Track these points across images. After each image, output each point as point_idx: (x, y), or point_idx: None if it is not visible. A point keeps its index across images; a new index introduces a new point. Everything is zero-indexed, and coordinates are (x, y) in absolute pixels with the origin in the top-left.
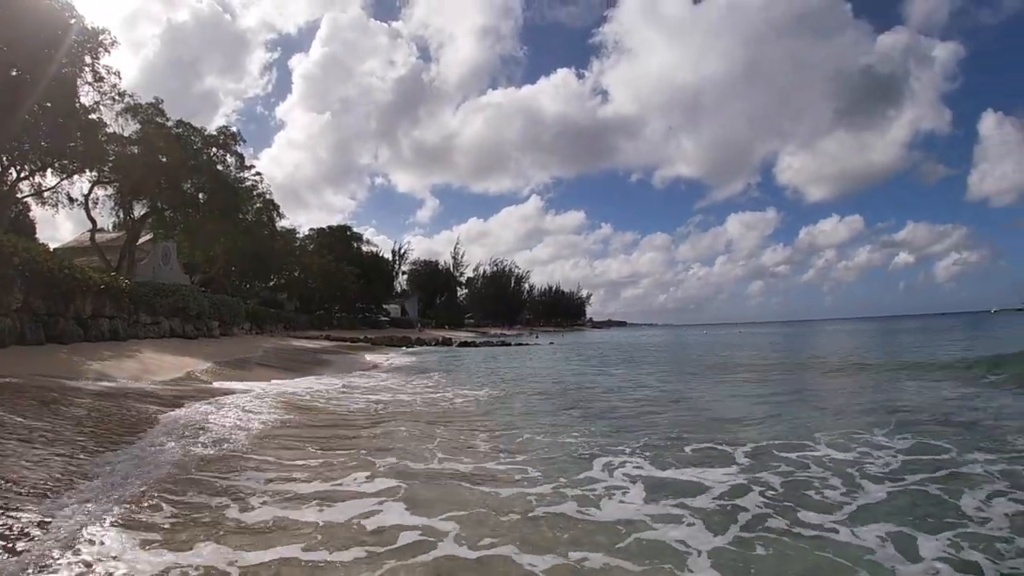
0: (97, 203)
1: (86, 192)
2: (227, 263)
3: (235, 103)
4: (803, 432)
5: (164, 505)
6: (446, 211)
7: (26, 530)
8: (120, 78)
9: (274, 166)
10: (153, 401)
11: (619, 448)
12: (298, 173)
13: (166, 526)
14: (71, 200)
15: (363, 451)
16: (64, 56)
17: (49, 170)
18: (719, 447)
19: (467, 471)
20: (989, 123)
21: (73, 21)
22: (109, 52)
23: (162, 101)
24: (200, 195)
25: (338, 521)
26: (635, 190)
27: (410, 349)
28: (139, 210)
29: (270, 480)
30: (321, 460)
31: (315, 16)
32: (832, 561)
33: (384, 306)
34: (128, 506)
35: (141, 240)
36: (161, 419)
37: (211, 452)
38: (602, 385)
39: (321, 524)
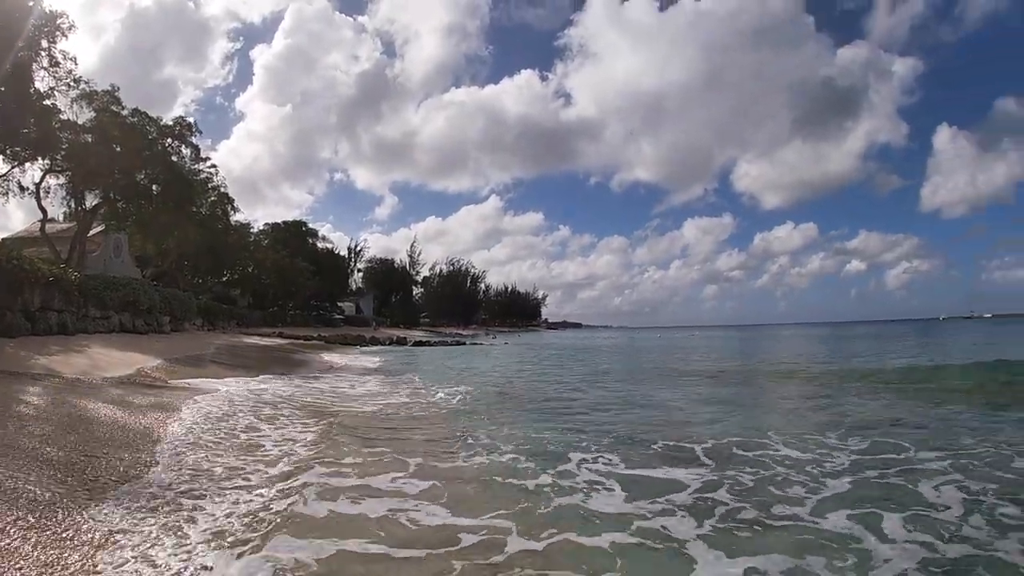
0: (49, 192)
1: (37, 180)
2: (179, 257)
3: (195, 92)
4: (761, 434)
5: None
6: (405, 209)
7: None
8: (76, 64)
9: (232, 158)
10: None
11: (587, 445)
12: (256, 166)
13: None
14: (22, 189)
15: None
16: (20, 40)
17: (0, 156)
18: (685, 445)
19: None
20: (944, 137)
21: (32, 3)
22: (67, 36)
23: (118, 89)
24: (154, 186)
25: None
26: (594, 193)
27: (365, 348)
28: (91, 200)
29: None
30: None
31: (280, 6)
32: (808, 540)
33: (339, 304)
34: None
35: (92, 232)
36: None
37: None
38: (570, 390)
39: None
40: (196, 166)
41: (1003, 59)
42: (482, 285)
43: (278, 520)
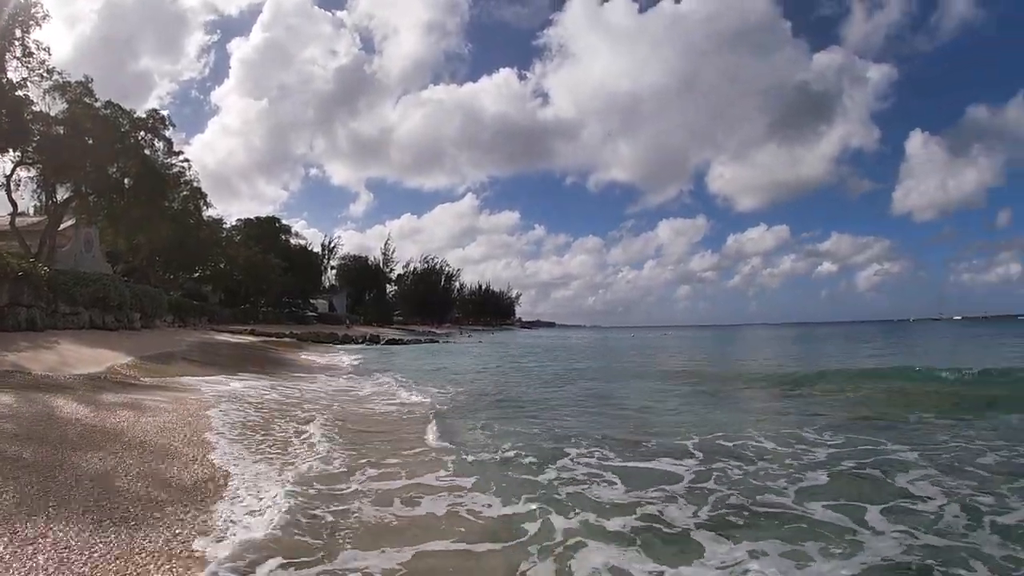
0: (19, 185)
1: (8, 173)
2: (151, 252)
3: (170, 85)
4: (742, 430)
5: None
6: (380, 206)
7: None
8: (50, 54)
9: (206, 152)
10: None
11: (577, 441)
12: (231, 160)
13: None
14: None
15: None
16: None
17: None
18: (674, 441)
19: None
20: (916, 142)
21: None
22: (40, 26)
23: (91, 80)
24: (126, 180)
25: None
26: (570, 193)
27: (338, 346)
28: (62, 194)
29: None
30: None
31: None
32: (797, 526)
33: (311, 301)
34: None
35: (63, 226)
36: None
37: None
38: (551, 389)
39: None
40: (169, 160)
41: (976, 68)
42: (456, 283)
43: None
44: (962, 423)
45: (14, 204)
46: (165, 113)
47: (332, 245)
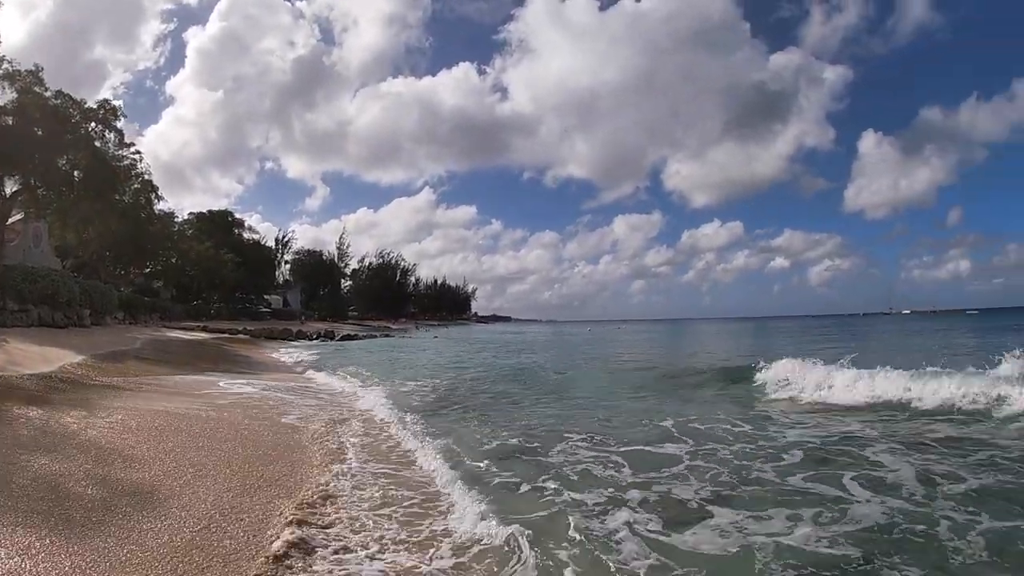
0: None
1: None
2: (101, 247)
3: (124, 75)
4: (714, 415)
5: None
6: (336, 200)
7: None
8: (0, 41)
9: (160, 144)
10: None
11: (571, 428)
12: (185, 152)
13: None
14: None
15: None
16: None
17: None
18: (659, 423)
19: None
20: (869, 142)
21: None
22: None
23: (42, 69)
24: (76, 173)
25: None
26: (527, 188)
27: (294, 343)
28: (10, 187)
29: None
30: None
31: None
32: (784, 492)
33: (265, 296)
34: None
35: (11, 220)
36: None
37: None
38: (519, 383)
39: None
40: (120, 152)
41: (930, 71)
42: (412, 278)
43: None
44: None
45: None
46: (117, 103)
47: (286, 239)
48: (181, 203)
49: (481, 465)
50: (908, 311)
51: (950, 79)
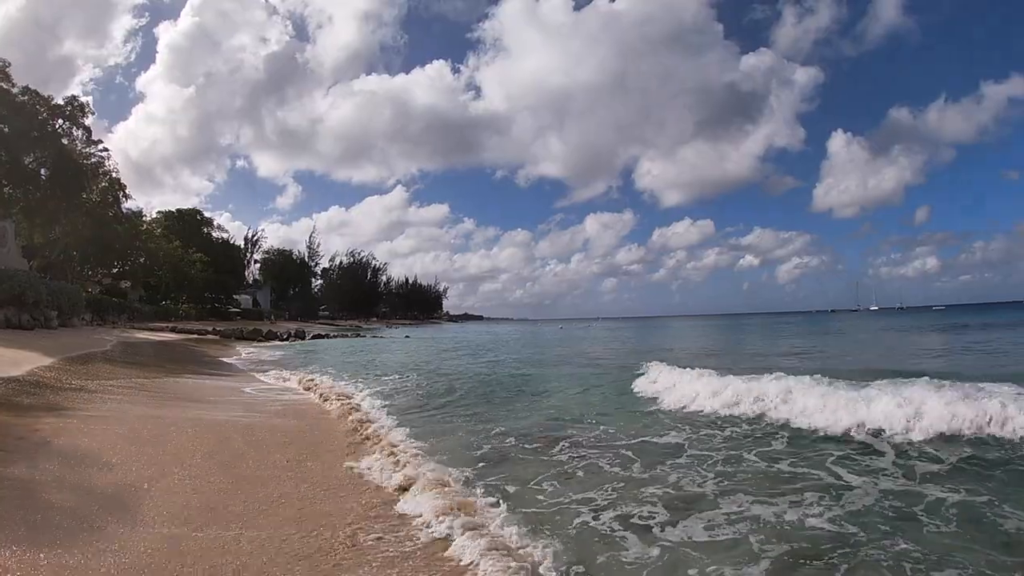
0: None
1: None
2: (68, 247)
3: (94, 71)
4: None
5: None
6: (308, 198)
7: None
8: None
9: (130, 141)
10: None
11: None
12: (155, 150)
13: None
14: None
15: None
16: None
17: None
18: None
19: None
20: (838, 142)
21: None
22: None
23: (9, 64)
24: (42, 170)
25: None
26: (500, 186)
27: (263, 342)
28: None
29: None
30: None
31: None
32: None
33: (235, 296)
34: None
35: None
36: None
37: None
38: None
39: None
40: (88, 149)
41: (899, 73)
42: (383, 277)
43: None
44: None
45: None
46: (85, 100)
47: (255, 238)
48: (151, 202)
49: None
50: (876, 307)
51: (919, 81)
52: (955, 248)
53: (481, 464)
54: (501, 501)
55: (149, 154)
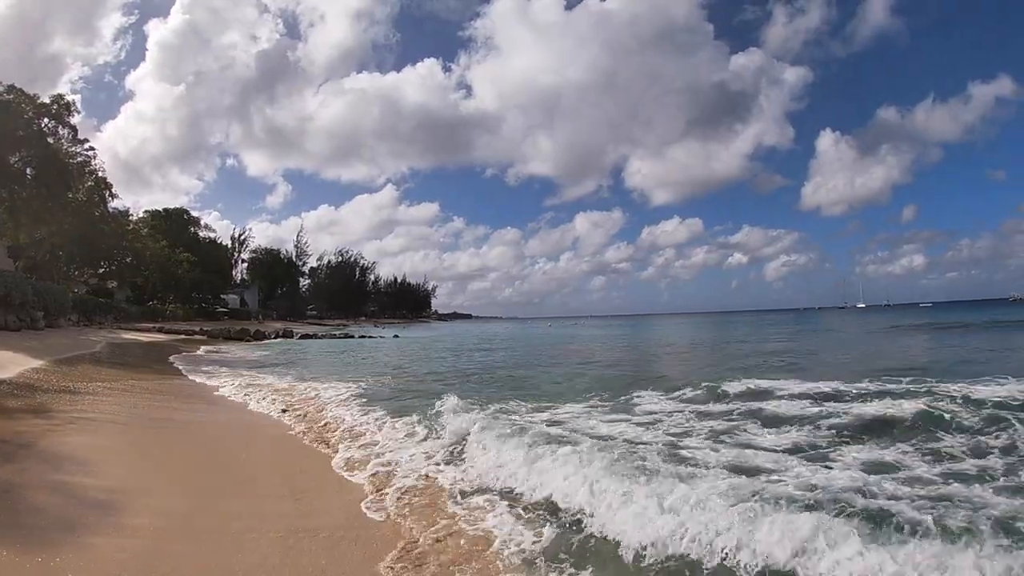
0: None
1: None
2: (54, 247)
3: (83, 69)
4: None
5: None
6: (298, 197)
7: None
8: None
9: (119, 140)
10: None
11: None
12: (144, 149)
13: None
14: None
15: None
16: None
17: None
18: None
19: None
20: (827, 141)
21: None
22: None
23: None
24: (28, 170)
25: None
26: (489, 185)
27: (251, 342)
28: None
29: None
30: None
31: None
32: None
33: (222, 296)
34: None
35: None
36: None
37: None
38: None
39: None
40: (73, 148)
41: (888, 73)
42: (372, 276)
43: None
44: None
45: None
46: (71, 98)
47: (243, 237)
48: (139, 201)
49: None
50: (863, 305)
51: (907, 81)
52: (942, 246)
53: None
54: None
55: (138, 153)
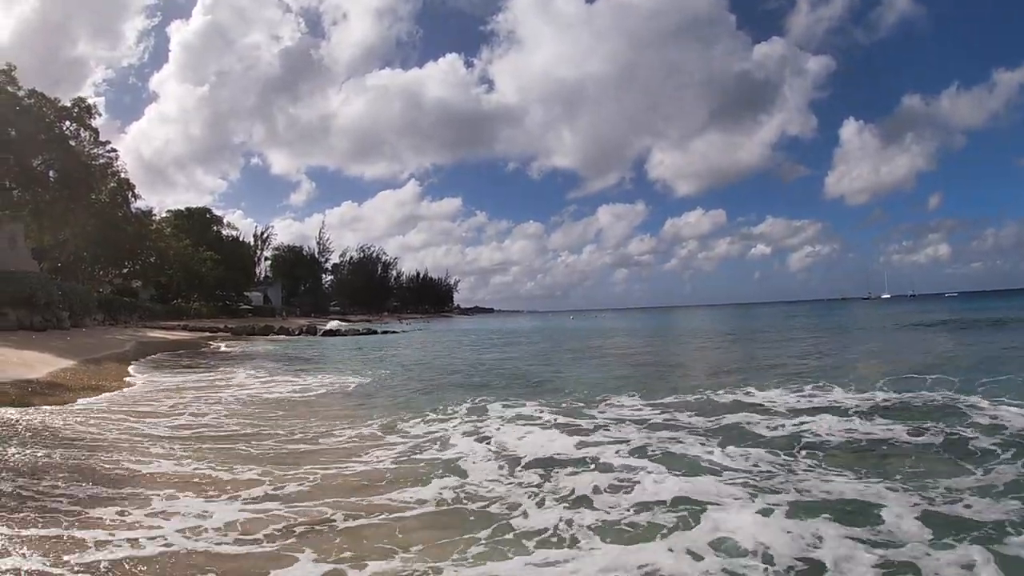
0: None
1: None
2: (77, 248)
3: (107, 72)
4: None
5: None
6: (321, 194)
7: None
8: None
9: (143, 141)
10: None
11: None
12: (168, 150)
13: None
14: None
15: None
16: None
17: None
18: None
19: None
20: (850, 130)
21: None
22: None
23: (15, 68)
24: (51, 172)
25: None
26: (512, 179)
27: (276, 337)
28: None
29: None
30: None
31: None
32: None
33: (246, 293)
34: None
35: None
36: None
37: None
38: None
39: None
40: (95, 150)
41: (912, 61)
42: (394, 272)
43: None
44: None
45: None
46: (92, 101)
47: (265, 235)
48: (164, 201)
49: None
50: (888, 295)
51: (931, 69)
52: (966, 235)
53: None
54: None
55: (162, 154)
